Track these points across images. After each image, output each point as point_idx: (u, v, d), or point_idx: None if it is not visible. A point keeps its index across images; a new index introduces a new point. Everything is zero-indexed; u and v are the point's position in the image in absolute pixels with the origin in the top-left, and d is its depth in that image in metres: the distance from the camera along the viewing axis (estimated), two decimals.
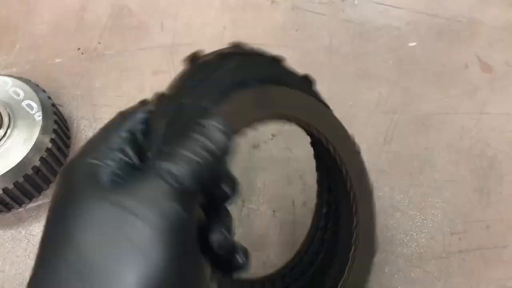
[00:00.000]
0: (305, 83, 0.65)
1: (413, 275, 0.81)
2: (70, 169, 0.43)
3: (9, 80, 0.89)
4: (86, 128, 0.96)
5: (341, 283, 0.66)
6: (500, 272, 0.81)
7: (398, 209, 0.86)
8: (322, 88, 0.99)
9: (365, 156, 0.91)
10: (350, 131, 0.94)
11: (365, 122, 0.95)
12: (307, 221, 0.85)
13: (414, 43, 1.05)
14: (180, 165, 0.40)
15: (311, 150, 0.74)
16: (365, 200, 0.70)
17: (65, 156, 0.92)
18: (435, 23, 1.08)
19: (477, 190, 0.88)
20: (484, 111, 0.96)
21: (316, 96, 0.67)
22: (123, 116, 0.48)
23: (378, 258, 0.82)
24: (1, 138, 0.83)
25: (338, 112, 0.96)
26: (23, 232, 0.86)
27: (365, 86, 1.00)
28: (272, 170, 0.91)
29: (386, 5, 1.11)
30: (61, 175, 0.44)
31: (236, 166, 0.91)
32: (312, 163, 0.77)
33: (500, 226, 0.85)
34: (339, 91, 0.99)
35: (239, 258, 0.44)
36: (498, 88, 0.99)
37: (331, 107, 0.97)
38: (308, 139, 0.70)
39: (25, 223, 0.87)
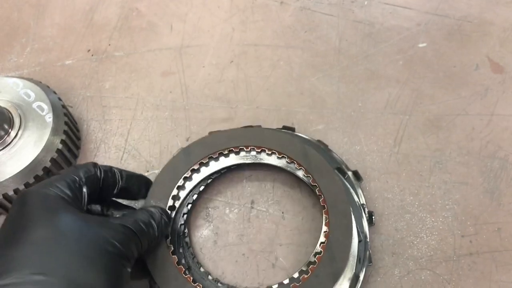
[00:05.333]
0: None
1: (423, 277, 0.80)
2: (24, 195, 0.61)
3: (20, 82, 0.90)
4: (96, 129, 0.97)
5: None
6: None
7: (408, 211, 0.86)
8: (331, 89, 0.99)
9: (375, 157, 0.91)
10: (360, 132, 0.94)
11: (375, 123, 0.95)
12: (316, 223, 0.85)
13: (424, 44, 1.05)
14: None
15: None
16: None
17: (75, 157, 0.93)
18: (445, 24, 1.07)
19: (488, 192, 0.87)
20: (495, 112, 0.95)
21: None
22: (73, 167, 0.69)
23: (387, 261, 0.82)
24: (12, 139, 0.84)
25: (347, 113, 0.97)
26: None
27: (375, 87, 0.99)
28: (281, 170, 0.91)
29: (395, 6, 1.10)
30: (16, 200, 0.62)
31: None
32: None
33: None
34: (348, 92, 0.99)
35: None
36: (509, 89, 0.98)
37: (340, 108, 0.97)
38: None
39: None
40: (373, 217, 0.82)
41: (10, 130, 0.84)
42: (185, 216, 0.85)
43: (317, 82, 1.01)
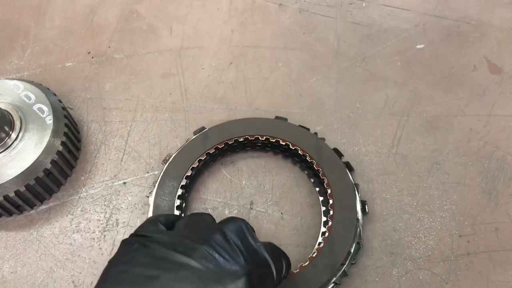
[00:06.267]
0: None
1: (421, 277, 0.81)
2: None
3: (20, 84, 0.91)
4: (96, 131, 0.97)
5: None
6: (509, 275, 0.81)
7: (406, 211, 0.86)
8: (330, 90, 1.00)
9: (373, 158, 0.92)
10: (358, 133, 0.95)
11: (373, 124, 0.96)
12: (314, 222, 0.86)
13: (422, 45, 1.05)
14: None
15: None
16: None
17: (76, 158, 0.93)
18: (444, 25, 1.08)
19: (485, 192, 0.88)
20: (493, 113, 0.96)
21: None
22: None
23: (386, 261, 0.82)
24: (13, 141, 0.84)
25: (346, 114, 0.97)
26: (34, 234, 0.88)
27: (373, 88, 1.00)
28: (280, 172, 0.92)
29: (394, 7, 1.11)
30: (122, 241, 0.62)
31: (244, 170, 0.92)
32: None
33: (509, 229, 0.84)
34: (347, 93, 1.00)
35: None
36: (507, 90, 0.99)
37: (339, 109, 0.98)
38: None
39: (37, 225, 0.88)
40: (366, 205, 0.84)
41: (10, 132, 0.84)
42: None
43: (315, 84, 1.01)
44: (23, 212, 0.89)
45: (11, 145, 0.84)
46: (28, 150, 0.84)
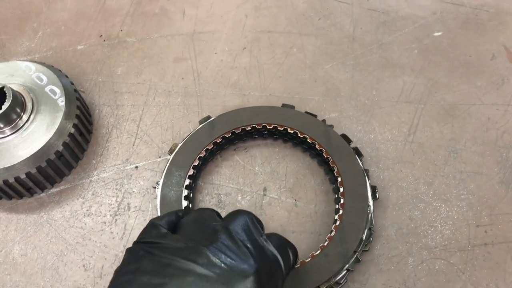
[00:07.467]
0: None
1: (437, 266, 0.79)
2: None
3: (32, 65, 0.89)
4: (108, 115, 0.96)
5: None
6: None
7: (423, 200, 0.85)
8: (345, 77, 0.98)
9: (389, 146, 0.90)
10: (374, 120, 0.93)
11: (389, 111, 0.94)
12: (328, 210, 0.85)
13: (440, 33, 1.03)
14: None
15: None
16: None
17: (87, 141, 0.92)
18: (461, 13, 1.06)
19: (503, 182, 0.86)
20: None
21: None
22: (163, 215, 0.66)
23: (401, 249, 0.81)
24: (25, 123, 0.83)
25: (361, 101, 0.96)
26: (45, 217, 0.87)
27: (389, 75, 0.98)
28: (293, 159, 0.90)
29: None
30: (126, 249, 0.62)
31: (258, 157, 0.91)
32: None
33: None
34: (363, 80, 0.98)
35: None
36: None
37: (354, 96, 0.96)
38: None
39: (47, 208, 0.87)
40: (376, 191, 0.83)
41: (22, 113, 0.84)
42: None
43: (330, 70, 1.00)
44: (34, 194, 0.88)
45: (22, 126, 0.83)
46: (40, 131, 0.83)
